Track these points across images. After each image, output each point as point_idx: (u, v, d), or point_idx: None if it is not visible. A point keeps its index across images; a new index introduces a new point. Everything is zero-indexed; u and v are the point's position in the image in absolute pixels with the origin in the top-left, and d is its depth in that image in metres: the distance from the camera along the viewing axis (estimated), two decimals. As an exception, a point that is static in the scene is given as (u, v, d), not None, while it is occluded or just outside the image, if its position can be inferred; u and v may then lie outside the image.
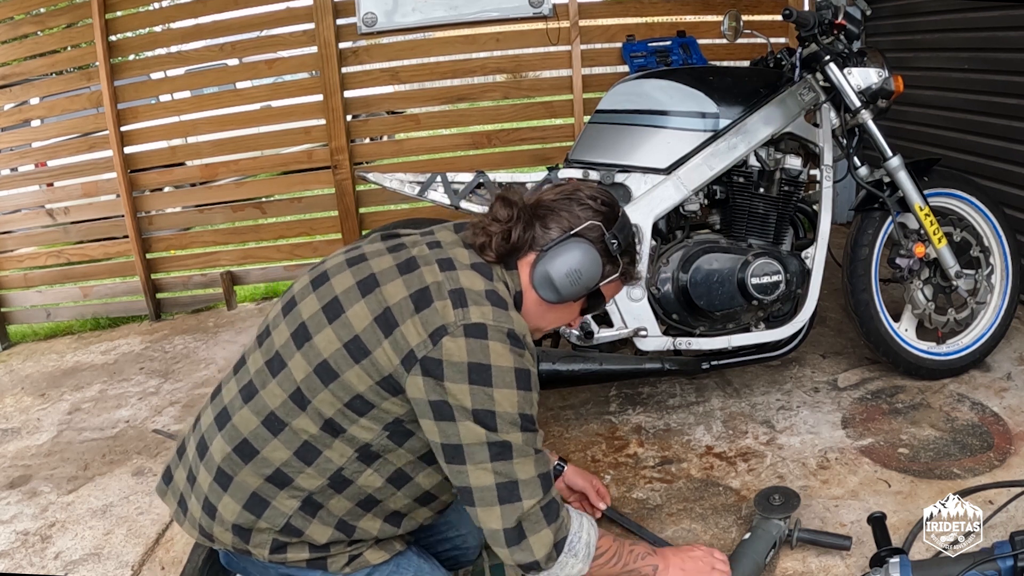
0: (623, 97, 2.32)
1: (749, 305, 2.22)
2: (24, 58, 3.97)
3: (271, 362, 1.29)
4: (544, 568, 1.27)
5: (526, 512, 1.23)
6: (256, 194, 4.06)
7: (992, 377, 2.42)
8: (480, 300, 1.23)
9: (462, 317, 1.20)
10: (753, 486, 2.00)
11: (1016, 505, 1.73)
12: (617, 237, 1.35)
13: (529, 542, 1.24)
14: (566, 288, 1.31)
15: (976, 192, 2.42)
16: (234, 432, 1.28)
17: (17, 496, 2.35)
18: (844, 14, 2.23)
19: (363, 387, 1.23)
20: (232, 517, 1.28)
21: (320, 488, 1.27)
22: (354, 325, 1.24)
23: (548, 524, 1.25)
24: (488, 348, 1.19)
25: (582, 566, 1.31)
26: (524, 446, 1.23)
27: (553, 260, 1.30)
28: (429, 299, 1.22)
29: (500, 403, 1.20)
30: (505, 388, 1.20)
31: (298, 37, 3.68)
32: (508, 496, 1.22)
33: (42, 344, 3.90)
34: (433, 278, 1.25)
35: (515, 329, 1.23)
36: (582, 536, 1.31)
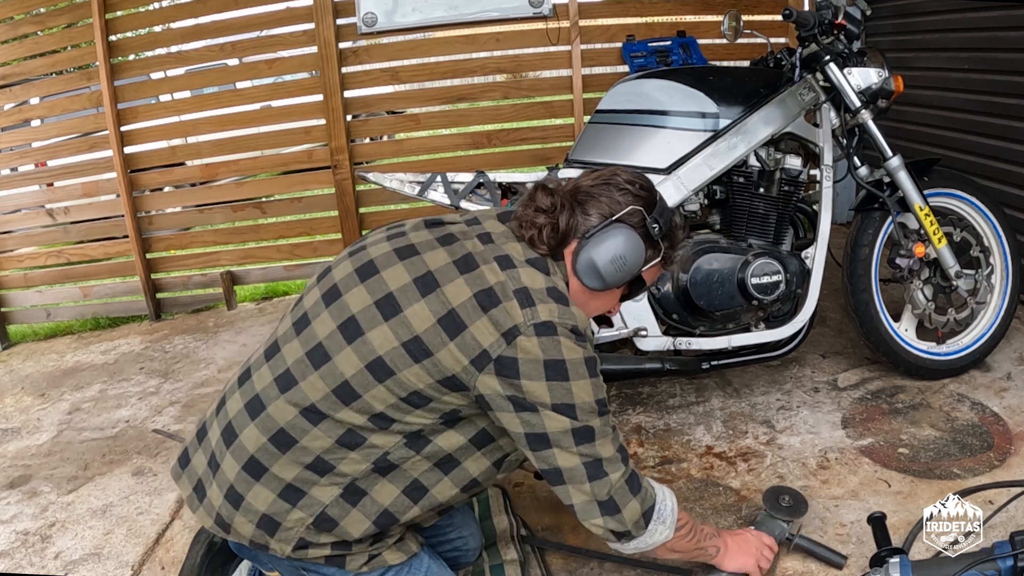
0: (623, 97, 2.32)
1: (749, 305, 2.22)
2: (24, 58, 3.97)
3: (312, 354, 1.27)
4: (635, 536, 1.34)
5: (614, 486, 1.30)
6: (256, 194, 4.06)
7: (992, 377, 2.42)
8: (544, 298, 1.25)
9: (531, 317, 1.22)
10: (753, 486, 2.00)
11: (1016, 505, 1.73)
12: (658, 221, 1.35)
13: (622, 513, 1.31)
14: (611, 275, 1.32)
15: (976, 192, 2.42)
16: (269, 422, 1.26)
17: (17, 496, 2.35)
18: (844, 14, 2.23)
19: (422, 384, 1.23)
20: (263, 506, 1.25)
21: (364, 473, 1.25)
22: (414, 325, 1.23)
23: (634, 495, 1.32)
24: (560, 344, 1.22)
25: (669, 532, 1.38)
26: (603, 427, 1.29)
27: (597, 247, 1.31)
28: (496, 299, 1.23)
29: (578, 395, 1.24)
30: (580, 380, 1.24)
31: (298, 37, 3.68)
32: (596, 473, 1.29)
33: (42, 344, 3.90)
34: (496, 278, 1.25)
35: (578, 325, 1.26)
36: (667, 503, 1.39)
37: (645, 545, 1.37)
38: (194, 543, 1.55)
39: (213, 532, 1.31)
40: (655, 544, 1.38)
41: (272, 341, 1.35)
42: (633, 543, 1.36)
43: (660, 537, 1.37)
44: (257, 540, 1.27)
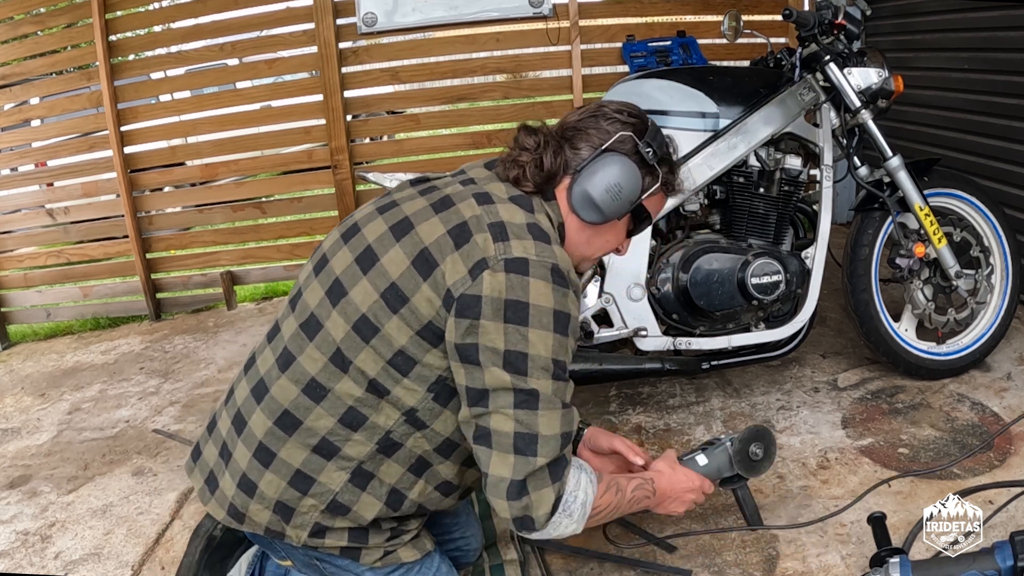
0: (623, 97, 2.31)
1: (749, 305, 2.22)
2: (24, 58, 3.97)
3: (306, 324, 1.25)
4: (538, 529, 1.20)
5: (537, 469, 1.17)
6: (256, 194, 4.06)
7: (992, 377, 2.42)
8: (522, 233, 1.18)
9: (503, 251, 1.15)
10: (753, 486, 2.00)
11: (1016, 505, 1.73)
12: (651, 145, 1.29)
13: (531, 498, 1.17)
14: (608, 205, 1.26)
15: (976, 192, 2.42)
16: (274, 404, 1.24)
17: (17, 496, 2.35)
18: (844, 14, 2.23)
19: (404, 339, 1.18)
20: (275, 494, 1.24)
21: (369, 455, 1.23)
22: (390, 272, 1.19)
23: (552, 483, 1.19)
24: (528, 285, 1.14)
25: (575, 527, 1.24)
26: (552, 397, 1.17)
27: (590, 178, 1.26)
28: (468, 233, 1.17)
29: (534, 344, 1.14)
30: (541, 329, 1.15)
31: (298, 37, 3.68)
32: (524, 448, 1.16)
33: (42, 344, 3.90)
34: (471, 212, 1.20)
35: (559, 264, 1.17)
36: (578, 496, 1.23)
37: (548, 536, 1.24)
38: (193, 538, 1.54)
39: (226, 524, 1.30)
40: (561, 535, 1.24)
41: (272, 323, 1.35)
42: (536, 534, 1.22)
43: (564, 531, 1.23)
44: (273, 527, 1.26)
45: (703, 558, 1.75)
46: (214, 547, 1.54)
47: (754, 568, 1.70)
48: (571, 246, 1.30)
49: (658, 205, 1.38)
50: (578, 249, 1.33)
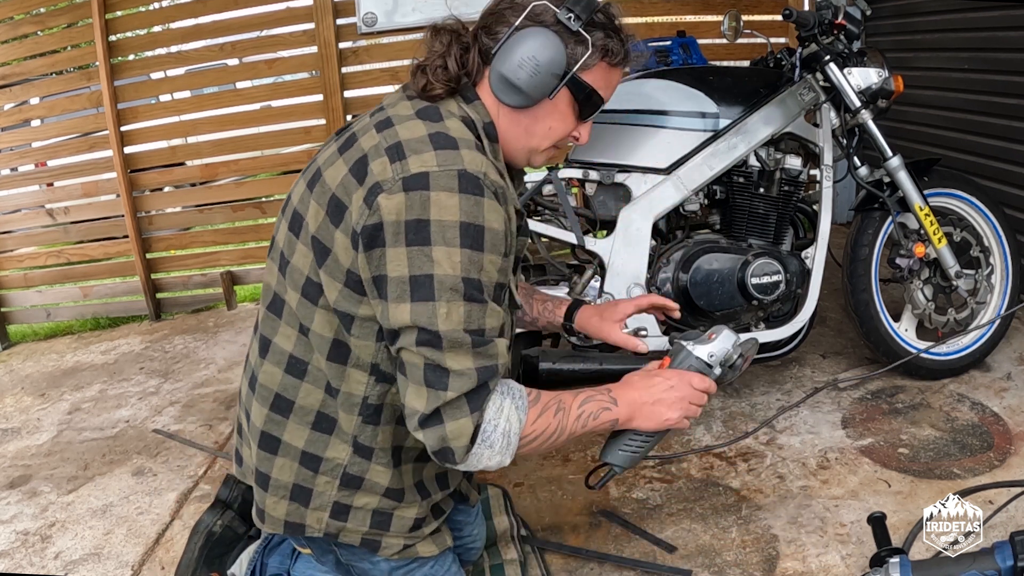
0: (623, 97, 2.31)
1: (749, 305, 2.22)
2: (24, 58, 3.97)
3: (272, 305, 1.25)
4: (458, 461, 1.10)
5: (448, 401, 1.07)
6: (256, 194, 4.06)
7: (992, 377, 2.42)
8: (420, 147, 1.08)
9: (400, 170, 1.07)
10: (753, 486, 2.00)
11: (1016, 505, 1.73)
12: (572, 10, 1.15)
13: (447, 430, 1.08)
14: (526, 81, 1.14)
15: (976, 192, 2.42)
16: (265, 391, 1.24)
17: (17, 496, 2.35)
18: (844, 14, 2.23)
19: (335, 294, 1.14)
20: (290, 477, 1.23)
21: (358, 427, 1.21)
22: (311, 226, 1.15)
23: (470, 413, 1.08)
24: (429, 201, 1.05)
25: (499, 458, 1.12)
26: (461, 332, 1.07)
27: (504, 57, 1.15)
28: (366, 165, 1.10)
29: (439, 263, 1.05)
30: (446, 246, 1.05)
31: (298, 37, 3.68)
32: (435, 381, 1.07)
33: (42, 344, 3.90)
34: (371, 143, 1.12)
35: (467, 169, 1.07)
36: (499, 425, 1.11)
37: (471, 468, 1.13)
38: (192, 534, 1.55)
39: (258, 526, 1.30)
40: (488, 467, 1.13)
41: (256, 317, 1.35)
42: (458, 467, 1.12)
43: (488, 462, 1.12)
44: (292, 519, 1.25)
45: (703, 558, 1.75)
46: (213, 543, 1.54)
47: (754, 568, 1.70)
48: (511, 140, 1.21)
49: (605, 79, 1.21)
50: (519, 141, 1.22)
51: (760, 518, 1.87)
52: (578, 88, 1.19)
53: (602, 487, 1.34)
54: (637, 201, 2.22)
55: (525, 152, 1.25)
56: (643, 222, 2.21)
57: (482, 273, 1.08)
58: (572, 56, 1.16)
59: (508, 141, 1.22)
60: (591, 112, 1.25)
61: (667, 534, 1.85)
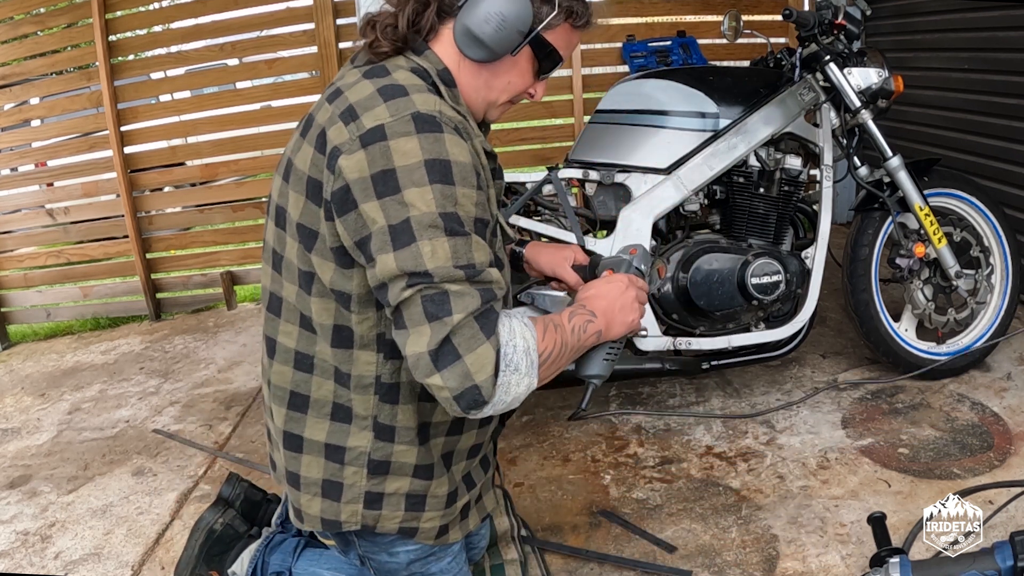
0: (623, 97, 2.32)
1: (749, 305, 2.22)
2: (24, 58, 3.97)
3: (271, 305, 1.25)
4: (488, 398, 1.02)
5: (457, 325, 1.01)
6: (256, 194, 4.05)
7: (992, 377, 2.42)
8: (371, 103, 1.08)
9: (356, 130, 1.06)
10: (753, 486, 2.00)
11: (1016, 505, 1.73)
12: None
13: (467, 363, 1.00)
14: (491, 36, 1.14)
15: (976, 192, 2.42)
16: (280, 392, 1.25)
17: (17, 496, 2.35)
18: (844, 14, 2.23)
19: (329, 274, 1.13)
20: (319, 473, 1.23)
21: (376, 406, 1.20)
22: (294, 215, 1.16)
23: (487, 337, 1.02)
24: (389, 149, 1.04)
25: (529, 380, 1.06)
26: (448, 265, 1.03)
27: (470, 11, 1.14)
28: (324, 136, 1.10)
29: (414, 205, 1.03)
30: (415, 187, 1.03)
31: (298, 37, 3.68)
32: (436, 310, 1.01)
33: (42, 344, 3.90)
34: (325, 116, 1.13)
35: (420, 110, 1.06)
36: (517, 344, 1.05)
37: (504, 405, 1.05)
38: (193, 531, 1.55)
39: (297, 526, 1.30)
40: (518, 399, 1.07)
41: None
42: (488, 408, 1.03)
43: (520, 389, 1.05)
44: (328, 516, 1.24)
45: (703, 558, 1.75)
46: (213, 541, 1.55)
47: (754, 568, 1.70)
48: (470, 92, 1.21)
49: (566, 40, 1.24)
50: (479, 94, 1.23)
51: (760, 518, 1.87)
52: (540, 47, 1.21)
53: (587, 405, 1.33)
54: (637, 201, 2.22)
55: (483, 105, 1.25)
56: (643, 222, 2.21)
57: (458, 207, 1.05)
58: (538, 15, 1.17)
59: (467, 94, 1.22)
60: (549, 70, 1.27)
61: (667, 534, 1.85)
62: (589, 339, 1.20)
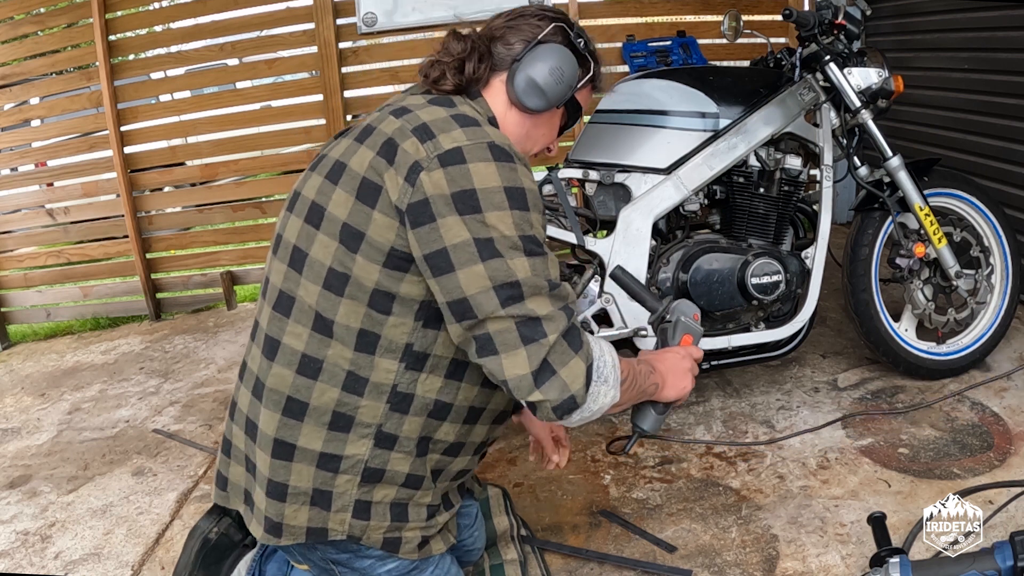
0: (623, 97, 2.32)
1: (749, 305, 2.22)
2: (24, 58, 3.98)
3: (279, 304, 1.22)
4: (581, 405, 1.12)
5: (552, 345, 1.10)
6: (256, 194, 4.06)
7: (992, 377, 2.42)
8: (447, 126, 1.15)
9: (433, 148, 1.13)
10: (753, 486, 2.00)
11: (1016, 505, 1.73)
12: (582, 35, 1.35)
13: (561, 376, 1.10)
14: (552, 88, 1.28)
15: (976, 192, 2.42)
16: (275, 396, 1.21)
17: (17, 496, 2.35)
18: (844, 14, 2.23)
19: (375, 275, 1.15)
20: (309, 482, 1.20)
21: (385, 415, 1.20)
22: (339, 215, 1.17)
23: (576, 352, 1.12)
24: (469, 172, 1.11)
25: (614, 392, 1.17)
26: (534, 278, 1.11)
27: (532, 64, 1.28)
28: (395, 145, 1.15)
29: (495, 227, 1.10)
30: (496, 210, 1.10)
31: (298, 37, 3.68)
32: (530, 334, 1.10)
33: (42, 344, 3.90)
34: (393, 127, 1.18)
35: (495, 141, 1.15)
36: (606, 359, 1.17)
37: (591, 413, 1.15)
38: (188, 539, 1.53)
39: (265, 542, 1.26)
40: (602, 409, 1.17)
41: (253, 323, 1.33)
42: (577, 414, 1.14)
43: (606, 400, 1.16)
44: (314, 524, 1.22)
45: (703, 558, 1.75)
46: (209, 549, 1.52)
47: (754, 568, 1.70)
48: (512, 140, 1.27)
49: (587, 99, 1.41)
50: (520, 143, 1.33)
51: (760, 518, 1.87)
52: (571, 104, 1.37)
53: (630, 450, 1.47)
54: (637, 201, 2.22)
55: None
56: (643, 222, 2.21)
57: (534, 230, 1.15)
58: (580, 74, 1.33)
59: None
60: (569, 127, 1.43)
61: (667, 534, 1.85)
62: (650, 387, 1.31)
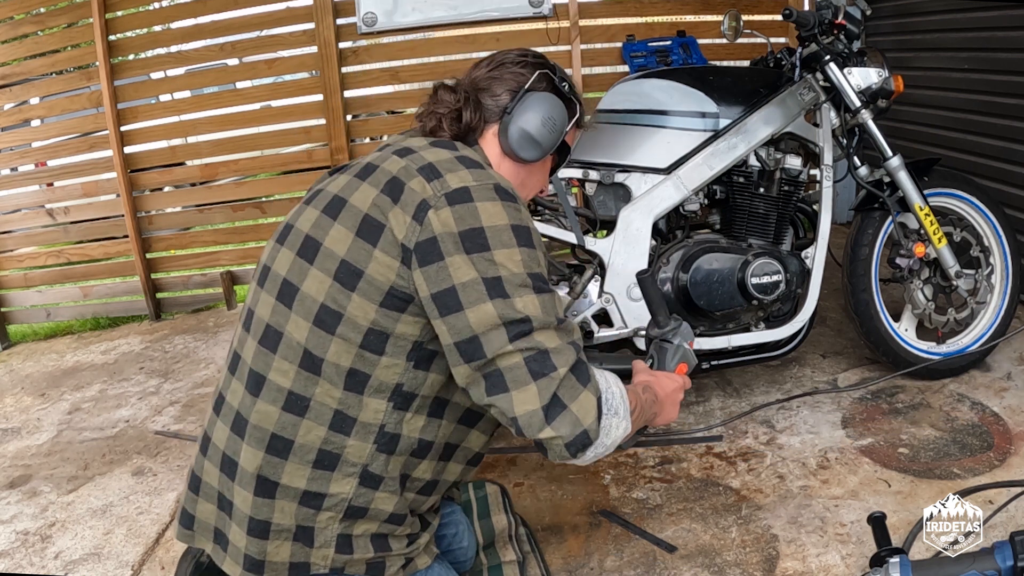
0: (623, 97, 2.32)
1: (749, 305, 2.22)
2: (24, 58, 3.97)
3: (265, 339, 1.19)
4: (594, 440, 1.10)
5: (562, 379, 1.09)
6: (256, 194, 4.06)
7: (992, 377, 2.42)
8: (453, 167, 1.16)
9: (441, 187, 1.13)
10: (753, 486, 2.00)
11: (1016, 505, 1.73)
12: (566, 79, 1.38)
13: (573, 411, 1.08)
14: (546, 137, 1.31)
15: (976, 192, 2.42)
16: (258, 433, 1.17)
17: (17, 496, 2.35)
18: (844, 14, 2.24)
19: (371, 315, 1.13)
20: (292, 520, 1.17)
21: (371, 456, 1.17)
22: (337, 250, 1.15)
23: (585, 386, 1.11)
24: (477, 210, 1.12)
25: (625, 424, 1.15)
26: (543, 315, 1.11)
27: (524, 115, 1.30)
28: (401, 184, 1.15)
29: (504, 265, 1.10)
30: (504, 248, 1.11)
31: (298, 37, 3.68)
32: (540, 368, 1.08)
33: (42, 344, 3.90)
34: (397, 166, 1.18)
35: (500, 183, 1.17)
36: (614, 391, 1.15)
37: (604, 448, 1.13)
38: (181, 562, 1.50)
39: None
40: (615, 443, 1.14)
41: (231, 354, 1.29)
42: (591, 450, 1.11)
43: (619, 433, 1.14)
44: (297, 559, 1.18)
45: (703, 558, 1.75)
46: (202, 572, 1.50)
47: (754, 568, 1.70)
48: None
49: (572, 138, 1.44)
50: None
51: (760, 518, 1.87)
52: (562, 147, 1.40)
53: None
54: (637, 201, 2.22)
55: None
56: (643, 222, 2.21)
57: (540, 267, 1.15)
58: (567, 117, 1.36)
59: None
60: (559, 167, 1.46)
61: (667, 534, 1.85)
62: (651, 416, 1.29)
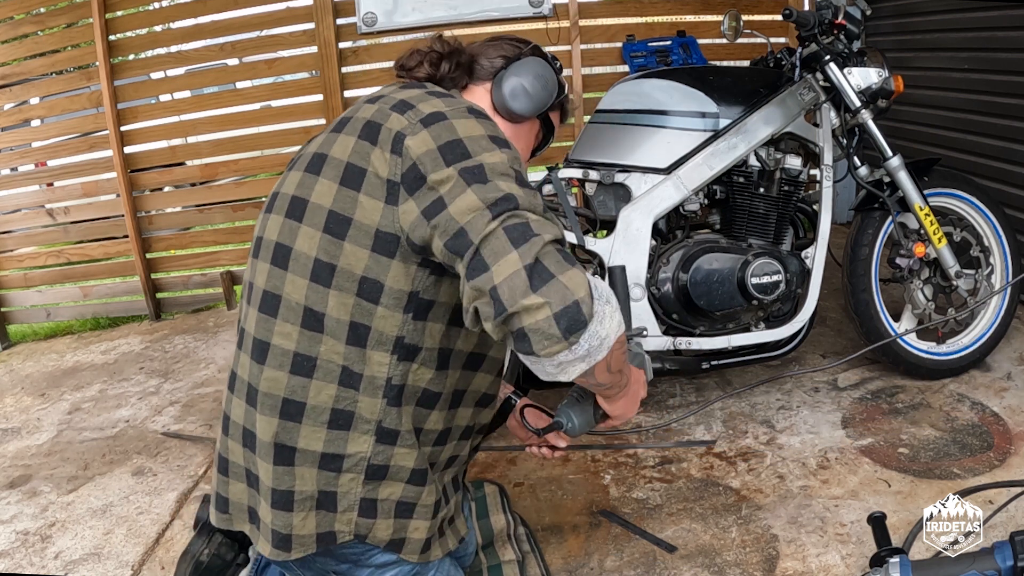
0: (623, 97, 2.32)
1: (749, 305, 2.22)
2: (24, 58, 3.97)
3: (264, 305, 1.19)
4: (588, 319, 0.97)
5: (545, 246, 0.99)
6: (256, 194, 4.05)
7: (992, 377, 2.42)
8: (424, 99, 1.18)
9: (414, 116, 1.14)
10: (753, 486, 2.00)
11: (1016, 505, 1.73)
12: (557, 60, 1.44)
13: (560, 280, 0.96)
14: (538, 92, 1.35)
15: (976, 192, 2.42)
16: (270, 400, 1.17)
17: (17, 496, 2.35)
18: (844, 14, 2.24)
19: (363, 260, 1.13)
20: (313, 485, 1.17)
21: (383, 410, 1.17)
22: (323, 203, 1.15)
23: (572, 265, 0.99)
24: (453, 125, 1.12)
25: (618, 317, 1.03)
26: (527, 198, 1.05)
27: (519, 71, 1.35)
28: (377, 125, 1.15)
29: (486, 159, 1.08)
30: (485, 152, 1.10)
31: (298, 37, 3.68)
32: (522, 236, 0.99)
33: (42, 344, 3.90)
34: (370, 112, 1.19)
35: (473, 107, 1.18)
36: (599, 284, 1.03)
37: (599, 340, 0.99)
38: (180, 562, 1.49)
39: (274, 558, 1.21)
40: (609, 340, 1.01)
41: (239, 332, 1.30)
42: (584, 337, 0.97)
43: (613, 324, 1.01)
44: (323, 529, 1.18)
45: (703, 558, 1.75)
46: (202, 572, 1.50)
47: (754, 568, 1.70)
48: None
49: (556, 122, 1.47)
50: None
51: (760, 518, 1.87)
52: (546, 121, 1.44)
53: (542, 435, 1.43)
54: (637, 201, 2.22)
55: None
56: (643, 222, 2.21)
57: (522, 168, 1.13)
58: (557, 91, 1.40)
59: None
60: (541, 148, 1.50)
61: (667, 534, 1.85)
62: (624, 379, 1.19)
